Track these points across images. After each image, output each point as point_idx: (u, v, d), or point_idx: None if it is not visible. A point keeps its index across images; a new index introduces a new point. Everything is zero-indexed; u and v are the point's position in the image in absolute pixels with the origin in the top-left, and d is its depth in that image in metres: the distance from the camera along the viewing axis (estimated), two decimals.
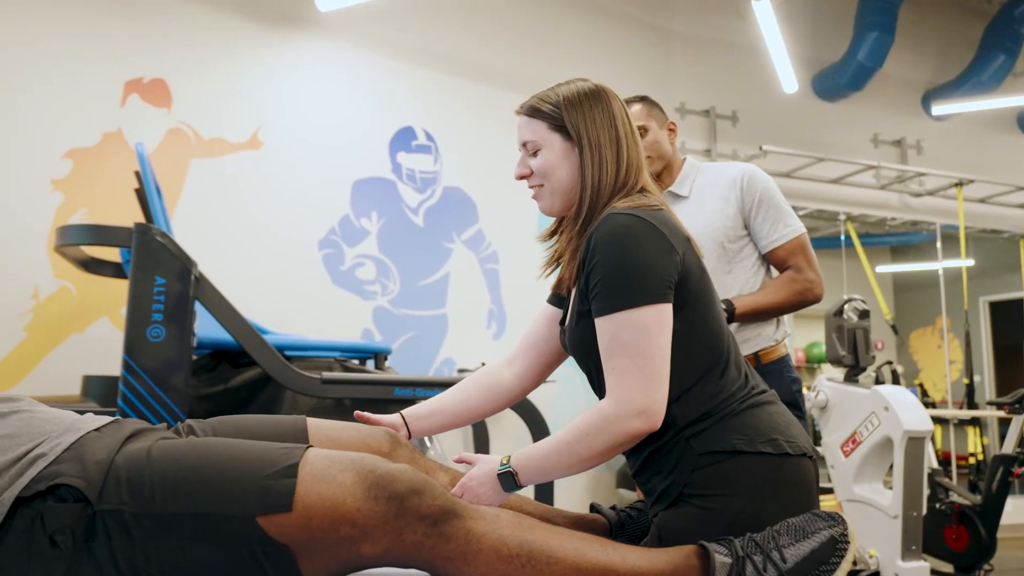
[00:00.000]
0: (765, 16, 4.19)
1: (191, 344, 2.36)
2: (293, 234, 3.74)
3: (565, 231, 1.31)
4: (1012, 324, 6.43)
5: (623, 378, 1.12)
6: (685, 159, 2.14)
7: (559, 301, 1.41)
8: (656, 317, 1.13)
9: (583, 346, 1.23)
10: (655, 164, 2.08)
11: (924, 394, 6.02)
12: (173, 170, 3.48)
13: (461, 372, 3.93)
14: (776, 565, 1.04)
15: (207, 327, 2.54)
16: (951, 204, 5.62)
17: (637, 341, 1.12)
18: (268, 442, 1.08)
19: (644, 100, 2.13)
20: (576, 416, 1.17)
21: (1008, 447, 3.56)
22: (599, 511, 1.37)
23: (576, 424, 1.15)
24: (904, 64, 5.51)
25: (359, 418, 1.39)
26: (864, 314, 3.18)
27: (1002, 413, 3.86)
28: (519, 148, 1.33)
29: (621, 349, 1.13)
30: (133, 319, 2.27)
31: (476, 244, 4.19)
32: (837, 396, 3.10)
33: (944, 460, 5.55)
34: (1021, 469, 3.53)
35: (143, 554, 0.96)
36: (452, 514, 1.02)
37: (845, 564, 1.04)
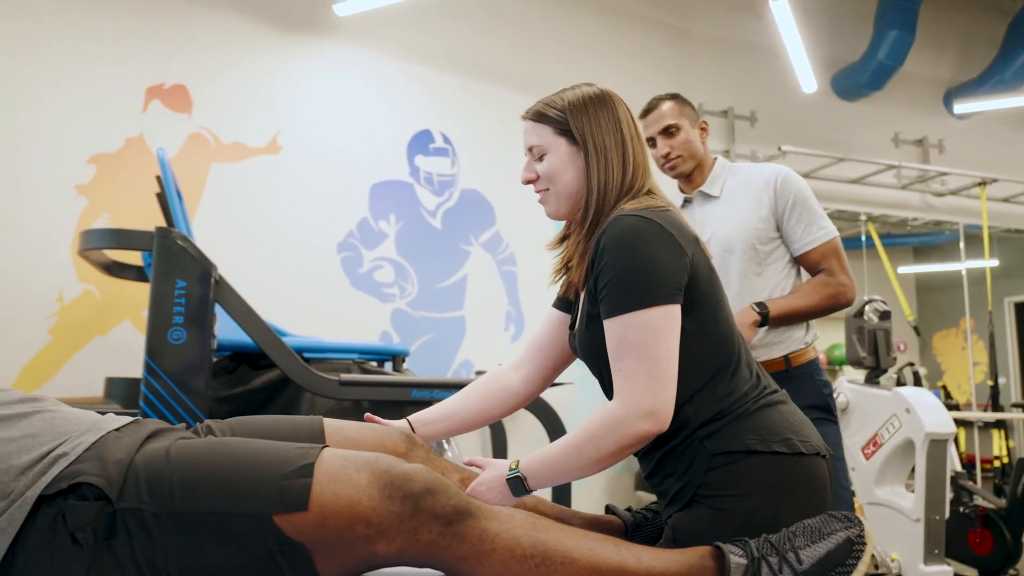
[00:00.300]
0: (783, 16, 4.16)
1: (211, 346, 2.39)
2: (311, 237, 3.77)
3: (572, 235, 1.32)
4: None
5: (631, 379, 1.12)
6: (716, 159, 2.12)
7: (566, 305, 1.42)
8: (664, 318, 1.13)
9: (593, 349, 1.23)
10: (686, 163, 2.07)
11: (947, 396, 5.95)
12: (194, 174, 3.53)
13: (479, 374, 3.93)
14: (792, 566, 1.03)
15: (227, 329, 2.56)
16: (974, 204, 5.56)
17: (645, 342, 1.12)
18: (285, 442, 1.09)
19: (675, 98, 2.11)
20: None
21: None
22: (615, 512, 1.36)
23: (584, 427, 1.15)
24: (925, 62, 5.46)
25: (368, 421, 1.40)
26: (885, 315, 3.15)
27: None
28: (525, 153, 1.34)
29: (629, 350, 1.13)
30: (154, 322, 2.30)
31: (494, 246, 4.20)
32: (857, 398, 3.07)
33: (968, 463, 5.48)
34: None
35: (162, 552, 0.98)
36: (466, 514, 1.03)
37: (862, 566, 1.03)
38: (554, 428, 3.10)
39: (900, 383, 3.60)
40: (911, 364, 4.06)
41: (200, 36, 3.63)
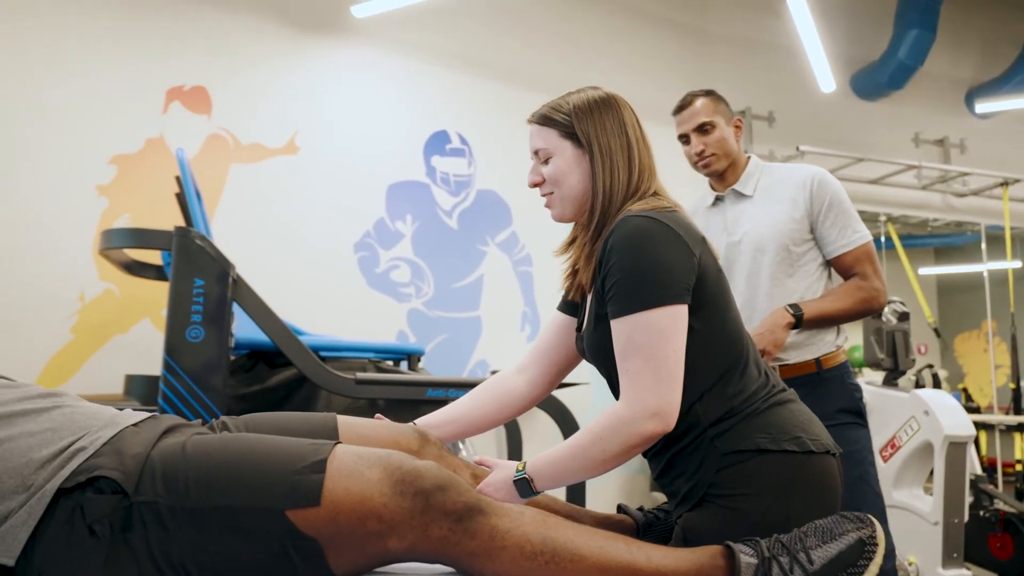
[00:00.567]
0: (801, 14, 4.13)
1: (229, 345, 2.41)
2: (329, 237, 3.80)
3: (579, 238, 1.32)
4: None
5: (636, 380, 1.12)
6: (750, 157, 2.09)
7: (571, 308, 1.42)
8: (671, 319, 1.13)
9: (601, 351, 1.23)
10: (720, 162, 2.03)
11: (968, 399, 5.88)
12: (213, 175, 3.57)
13: (494, 374, 3.94)
14: (803, 567, 1.03)
15: (245, 328, 2.59)
16: (996, 204, 5.49)
17: (652, 343, 1.12)
18: (298, 438, 1.10)
19: (710, 94, 2.06)
20: None
21: None
22: (626, 512, 1.37)
23: (590, 427, 1.16)
24: (946, 62, 5.40)
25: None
26: (904, 316, 3.12)
27: None
28: (531, 156, 1.34)
29: (636, 351, 1.13)
30: (173, 320, 2.32)
31: (510, 247, 4.21)
32: (876, 400, 3.05)
33: (990, 467, 5.40)
34: None
35: (177, 545, 0.99)
36: (477, 510, 1.03)
37: (873, 567, 1.03)
38: (569, 428, 3.10)
39: (919, 385, 3.57)
40: (930, 366, 4.02)
41: (220, 38, 3.67)
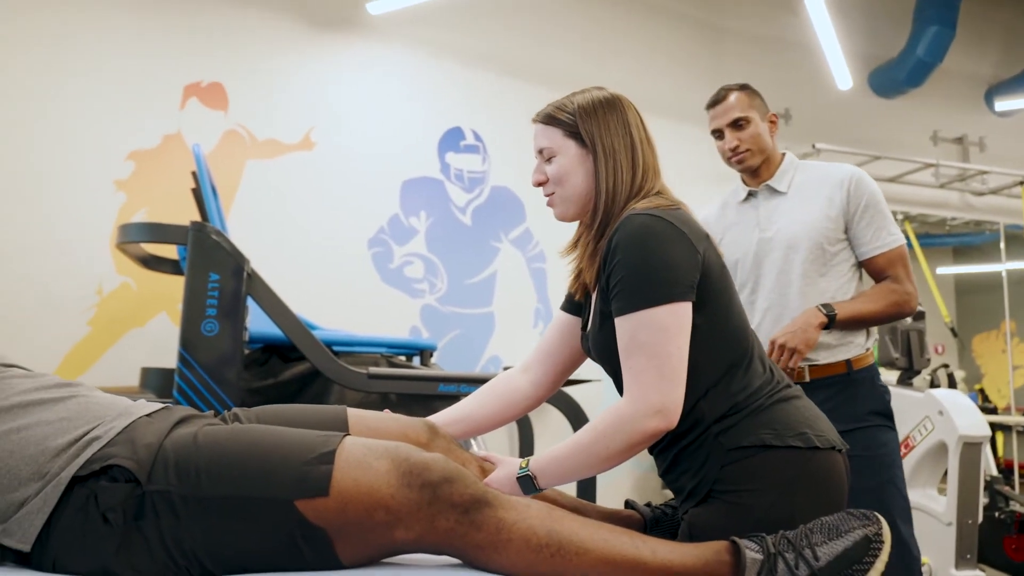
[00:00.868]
0: (818, 11, 4.11)
1: (243, 339, 2.43)
2: (343, 233, 3.82)
3: (582, 237, 1.33)
4: None
5: (640, 377, 1.13)
6: (784, 154, 2.06)
7: (575, 308, 1.42)
8: (674, 316, 1.13)
9: (607, 350, 1.24)
10: (755, 158, 2.00)
11: (985, 399, 5.82)
12: (229, 170, 3.60)
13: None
14: (808, 563, 1.03)
15: (259, 322, 2.61)
16: (1015, 203, 5.43)
17: (655, 341, 1.12)
18: (308, 430, 1.12)
19: (745, 88, 2.03)
20: None
21: None
22: (634, 507, 1.37)
23: (593, 424, 1.16)
24: (966, 59, 5.34)
25: None
26: (919, 316, 3.09)
27: None
28: (535, 155, 1.35)
29: (639, 349, 1.13)
30: (188, 314, 2.35)
31: (523, 243, 4.21)
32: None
33: (1007, 468, 5.35)
34: None
35: (188, 533, 1.01)
36: (483, 503, 1.04)
37: (879, 564, 1.03)
38: (580, 425, 3.09)
39: (934, 385, 3.54)
40: (945, 366, 3.99)
41: (237, 35, 3.70)
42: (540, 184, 1.34)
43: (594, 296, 1.29)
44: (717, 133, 2.04)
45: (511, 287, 4.16)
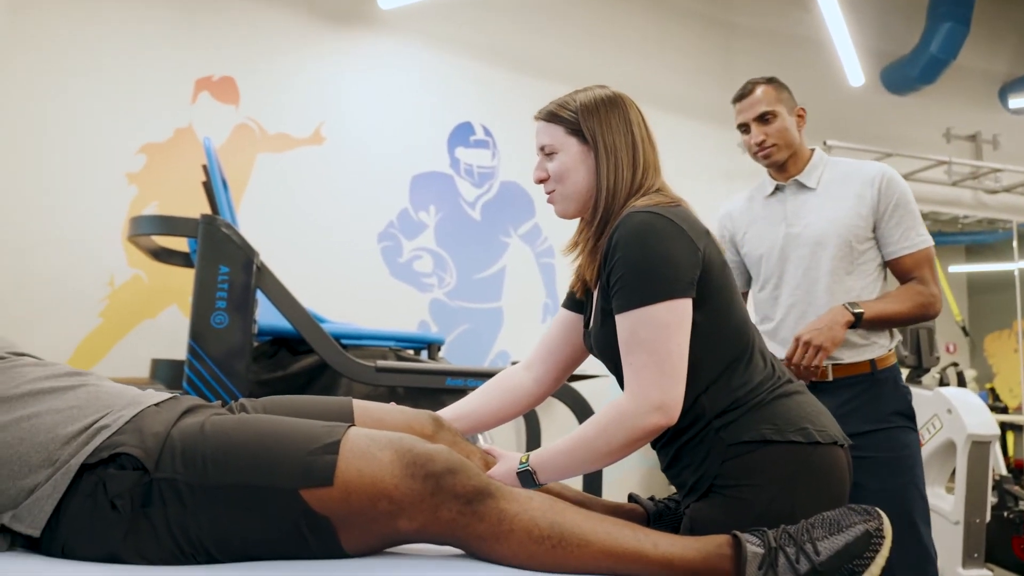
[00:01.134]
0: (830, 8, 4.08)
1: (252, 331, 2.45)
2: (352, 227, 3.84)
3: (583, 235, 1.33)
4: None
5: (640, 374, 1.13)
6: (814, 150, 2.05)
7: (576, 305, 1.43)
8: (675, 313, 1.14)
9: (608, 346, 1.24)
10: (781, 153, 1.99)
11: (996, 399, 5.78)
12: (240, 164, 3.62)
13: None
14: (809, 557, 1.03)
15: (268, 315, 2.63)
16: None
17: (656, 337, 1.13)
18: (313, 420, 1.13)
19: (772, 82, 2.02)
20: None
21: None
22: (637, 501, 1.38)
23: (593, 420, 1.17)
24: (980, 55, 5.30)
25: None
26: None
27: None
28: (537, 152, 1.35)
29: (639, 345, 1.14)
30: (198, 306, 2.36)
31: (532, 238, 4.22)
32: None
33: (1017, 468, 5.32)
34: None
35: (195, 521, 1.02)
36: (486, 494, 1.05)
37: (880, 559, 1.03)
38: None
39: (943, 383, 3.52)
40: (955, 364, 3.97)
41: (248, 30, 3.72)
42: (541, 181, 1.35)
43: (595, 293, 1.29)
44: (743, 127, 2.03)
45: (520, 282, 4.16)
